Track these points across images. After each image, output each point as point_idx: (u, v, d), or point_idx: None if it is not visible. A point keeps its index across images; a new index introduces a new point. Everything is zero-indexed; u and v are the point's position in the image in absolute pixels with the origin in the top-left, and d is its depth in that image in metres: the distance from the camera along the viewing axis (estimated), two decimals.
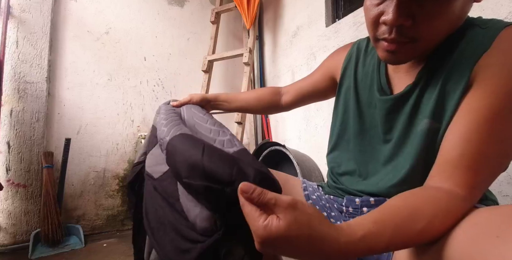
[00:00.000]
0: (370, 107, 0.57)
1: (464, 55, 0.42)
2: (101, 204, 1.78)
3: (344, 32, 1.59)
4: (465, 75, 0.41)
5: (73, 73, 1.76)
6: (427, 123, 0.45)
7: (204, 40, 2.24)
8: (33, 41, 1.59)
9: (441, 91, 0.44)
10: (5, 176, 1.47)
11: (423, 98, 0.47)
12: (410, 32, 0.41)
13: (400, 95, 0.49)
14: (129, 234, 1.72)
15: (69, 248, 1.44)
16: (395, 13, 0.39)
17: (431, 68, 0.46)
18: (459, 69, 0.42)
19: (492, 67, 0.39)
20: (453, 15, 0.41)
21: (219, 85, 2.34)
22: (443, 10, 0.39)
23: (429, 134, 0.46)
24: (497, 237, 0.29)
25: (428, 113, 0.45)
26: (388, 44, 0.43)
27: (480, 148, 0.38)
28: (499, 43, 0.39)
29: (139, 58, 2.01)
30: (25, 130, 1.53)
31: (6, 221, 1.46)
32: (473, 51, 0.41)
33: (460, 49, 0.43)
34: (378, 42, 0.45)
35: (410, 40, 0.41)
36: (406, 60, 0.46)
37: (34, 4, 1.61)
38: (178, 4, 2.21)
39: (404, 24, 0.39)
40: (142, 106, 1.98)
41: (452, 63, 0.43)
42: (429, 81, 0.46)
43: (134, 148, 1.92)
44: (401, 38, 0.41)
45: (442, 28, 0.41)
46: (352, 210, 0.57)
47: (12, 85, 1.52)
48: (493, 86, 0.38)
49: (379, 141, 0.55)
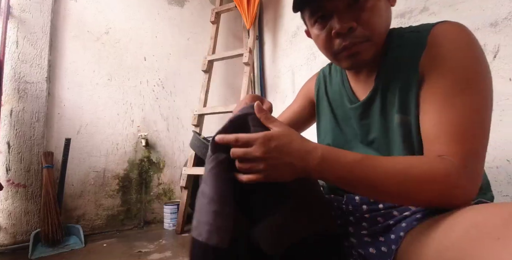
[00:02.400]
0: (347, 119, 0.63)
1: (407, 57, 0.49)
2: (101, 204, 1.78)
3: None
4: (414, 72, 0.48)
5: (73, 73, 1.76)
6: (398, 118, 0.51)
7: (204, 40, 2.24)
8: (33, 41, 1.59)
9: (399, 89, 0.50)
10: (5, 176, 1.47)
11: (387, 99, 0.52)
12: (360, 32, 0.47)
13: (366, 99, 0.55)
14: (129, 234, 1.73)
15: (69, 248, 1.44)
16: (342, 22, 0.47)
17: (383, 73, 0.53)
18: (407, 68, 0.49)
19: (435, 58, 0.46)
20: (383, 11, 0.49)
21: (219, 85, 2.34)
22: (373, 7, 0.47)
23: (403, 126, 0.50)
24: (498, 239, 0.29)
25: (396, 109, 0.50)
26: (348, 49, 0.49)
27: (454, 121, 0.42)
28: (432, 39, 0.47)
29: (139, 58, 2.01)
30: (25, 130, 1.53)
31: (6, 221, 1.46)
32: (413, 51, 0.48)
33: (402, 53, 0.50)
34: (339, 55, 0.51)
35: (364, 39, 0.48)
36: (368, 57, 0.50)
37: (34, 4, 1.61)
38: (178, 4, 2.21)
39: (352, 26, 0.47)
40: (142, 106, 1.98)
41: (399, 65, 0.50)
42: (386, 84, 0.52)
43: (134, 148, 1.92)
44: (356, 39, 0.48)
45: (380, 23, 0.49)
46: (352, 208, 0.57)
47: (12, 85, 1.52)
48: (442, 70, 0.45)
49: (363, 146, 0.58)
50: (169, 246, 1.48)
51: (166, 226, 1.81)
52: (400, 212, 0.51)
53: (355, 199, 0.57)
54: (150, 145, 1.98)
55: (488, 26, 0.97)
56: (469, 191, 0.41)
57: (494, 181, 0.93)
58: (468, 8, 1.03)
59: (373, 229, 0.52)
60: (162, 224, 1.87)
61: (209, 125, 2.13)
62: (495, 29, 0.96)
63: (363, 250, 0.53)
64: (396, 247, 0.45)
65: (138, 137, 1.94)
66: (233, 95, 2.38)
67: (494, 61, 0.97)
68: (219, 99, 2.34)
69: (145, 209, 1.92)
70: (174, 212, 1.80)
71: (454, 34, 0.46)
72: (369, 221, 0.54)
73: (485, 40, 0.98)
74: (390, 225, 0.50)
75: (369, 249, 0.52)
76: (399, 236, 0.46)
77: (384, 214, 0.53)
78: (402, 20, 1.29)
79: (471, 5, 1.02)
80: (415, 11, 1.23)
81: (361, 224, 0.55)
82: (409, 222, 0.47)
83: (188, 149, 2.00)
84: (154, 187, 1.98)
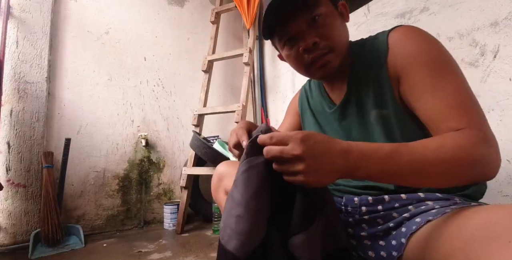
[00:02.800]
0: (329, 124, 0.67)
1: (372, 60, 0.55)
2: (101, 204, 1.78)
3: None
4: (383, 71, 0.54)
5: (73, 73, 1.76)
6: (376, 113, 0.56)
7: (204, 40, 2.24)
8: (33, 41, 1.59)
9: (372, 88, 0.55)
10: (5, 176, 1.47)
11: (361, 99, 0.58)
12: (323, 45, 0.55)
13: (342, 102, 0.61)
14: (129, 234, 1.73)
15: (69, 248, 1.44)
16: (306, 39, 0.54)
17: (353, 78, 0.59)
18: (374, 69, 0.55)
19: (403, 55, 0.51)
20: (339, 26, 0.57)
21: (219, 85, 2.34)
22: (330, 24, 0.55)
23: (382, 120, 0.55)
24: (509, 242, 0.28)
25: (373, 105, 0.56)
26: (317, 61, 0.56)
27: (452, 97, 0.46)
28: (391, 41, 0.54)
29: (139, 58, 2.01)
30: (25, 130, 1.53)
31: (6, 221, 1.46)
32: (377, 55, 0.55)
33: (367, 58, 0.57)
34: (310, 68, 0.58)
35: (328, 50, 0.55)
36: (335, 65, 0.57)
37: (34, 4, 1.61)
38: (178, 4, 2.21)
39: (316, 41, 0.54)
40: (142, 106, 1.98)
41: (366, 68, 0.56)
42: (358, 86, 0.58)
43: (134, 148, 1.92)
44: (321, 51, 0.55)
45: (339, 36, 0.56)
46: (351, 209, 0.57)
47: (12, 85, 1.52)
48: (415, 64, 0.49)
49: None
50: (169, 246, 1.48)
51: (166, 226, 1.81)
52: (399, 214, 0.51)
53: (354, 200, 0.57)
54: (150, 145, 1.98)
55: (488, 26, 0.97)
56: (497, 155, 0.43)
57: (494, 181, 0.93)
58: (468, 8, 1.03)
59: (373, 232, 0.52)
60: (162, 224, 1.87)
61: (209, 125, 2.13)
62: (495, 29, 0.96)
63: (363, 252, 0.53)
64: (398, 254, 0.45)
65: (138, 137, 1.94)
66: (233, 95, 2.38)
67: (494, 61, 0.97)
68: (219, 99, 2.34)
69: (145, 209, 1.92)
70: (174, 212, 1.80)
71: (411, 32, 0.53)
72: (368, 222, 0.54)
73: (485, 40, 0.98)
74: (390, 227, 0.50)
75: (369, 252, 0.52)
76: (401, 243, 0.45)
77: (383, 215, 0.53)
78: (402, 20, 1.29)
79: (471, 5, 1.02)
80: (415, 11, 1.23)
81: (360, 225, 0.55)
82: (408, 226, 0.46)
83: (188, 149, 2.00)
84: (154, 187, 1.98)
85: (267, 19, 0.56)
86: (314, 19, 0.54)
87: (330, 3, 0.57)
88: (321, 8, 0.54)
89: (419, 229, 0.44)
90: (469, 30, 1.02)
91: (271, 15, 0.55)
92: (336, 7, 0.58)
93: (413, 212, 0.49)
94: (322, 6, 0.55)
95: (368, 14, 1.46)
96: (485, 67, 0.99)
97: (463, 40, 1.05)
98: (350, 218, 0.57)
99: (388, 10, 1.35)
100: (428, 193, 0.51)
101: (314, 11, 0.54)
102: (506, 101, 0.93)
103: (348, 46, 0.60)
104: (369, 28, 1.44)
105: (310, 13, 0.54)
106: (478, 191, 0.54)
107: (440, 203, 0.48)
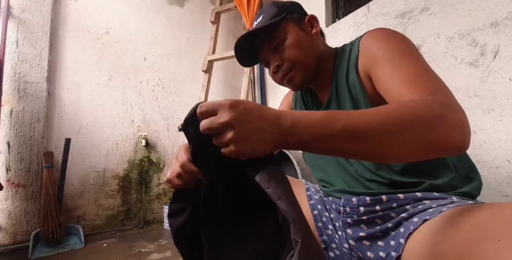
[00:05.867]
0: None
1: (349, 64, 0.60)
2: (101, 204, 1.78)
3: (344, 32, 1.60)
4: (355, 73, 0.58)
5: (73, 73, 1.76)
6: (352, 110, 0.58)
7: (204, 40, 2.24)
8: (33, 41, 1.59)
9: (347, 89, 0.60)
10: (5, 176, 1.47)
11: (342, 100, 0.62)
12: (285, 66, 0.63)
13: (327, 102, 0.66)
14: (129, 234, 1.74)
15: (69, 248, 1.44)
16: (272, 63, 0.65)
17: (335, 80, 0.64)
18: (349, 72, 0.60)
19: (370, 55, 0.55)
20: (303, 43, 0.62)
21: (219, 85, 2.34)
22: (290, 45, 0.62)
23: None
24: (499, 240, 0.29)
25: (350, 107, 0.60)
26: (286, 79, 0.64)
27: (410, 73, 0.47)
28: (361, 44, 0.58)
29: (139, 58, 2.01)
30: (25, 130, 1.53)
31: (6, 221, 1.47)
32: (351, 58, 0.60)
33: (344, 62, 0.62)
34: (282, 83, 0.66)
35: (290, 69, 0.63)
36: (300, 79, 0.64)
37: (34, 4, 1.61)
38: (178, 4, 2.21)
39: (279, 64, 0.63)
40: (142, 106, 1.98)
41: (343, 71, 0.61)
42: (338, 89, 0.63)
43: (134, 148, 1.92)
44: (284, 71, 0.63)
45: (301, 53, 0.62)
46: (349, 210, 0.57)
47: (12, 85, 1.52)
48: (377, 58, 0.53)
49: None
50: (169, 246, 1.48)
51: (166, 226, 1.81)
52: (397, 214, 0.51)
53: (352, 200, 0.57)
54: (150, 145, 1.98)
55: (488, 26, 0.97)
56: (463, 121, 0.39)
57: (494, 181, 0.93)
58: (468, 8, 1.03)
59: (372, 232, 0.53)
60: (162, 224, 1.87)
61: None
62: (495, 29, 0.96)
63: (362, 253, 0.53)
64: (397, 255, 0.45)
65: (138, 137, 1.94)
66: (233, 95, 2.38)
67: (494, 61, 0.97)
68: (219, 99, 2.33)
69: (145, 209, 1.92)
70: None
71: (377, 33, 0.56)
72: (367, 223, 0.55)
73: (485, 40, 0.98)
74: (388, 228, 0.50)
75: (367, 253, 0.52)
76: (399, 243, 0.45)
77: (382, 216, 0.53)
78: (402, 20, 1.29)
79: (471, 5, 1.02)
80: (415, 11, 1.23)
81: (359, 226, 0.55)
82: (407, 226, 0.47)
83: None
84: (154, 187, 1.98)
85: (238, 56, 0.67)
86: (277, 46, 0.63)
87: (292, 23, 0.63)
88: (281, 34, 0.62)
89: (416, 229, 0.44)
90: (469, 30, 1.03)
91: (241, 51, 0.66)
92: (300, 23, 0.65)
93: (411, 212, 0.49)
94: (282, 31, 0.62)
95: (368, 14, 1.46)
96: (485, 67, 0.99)
97: (463, 40, 1.05)
98: (349, 219, 0.57)
99: (388, 10, 1.35)
100: (425, 192, 0.52)
101: (275, 39, 0.62)
102: (506, 101, 0.93)
103: (320, 55, 0.65)
104: (369, 28, 1.44)
105: (272, 41, 0.63)
106: (475, 188, 0.54)
107: (437, 202, 0.48)
